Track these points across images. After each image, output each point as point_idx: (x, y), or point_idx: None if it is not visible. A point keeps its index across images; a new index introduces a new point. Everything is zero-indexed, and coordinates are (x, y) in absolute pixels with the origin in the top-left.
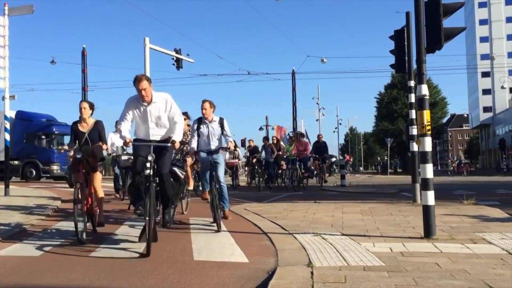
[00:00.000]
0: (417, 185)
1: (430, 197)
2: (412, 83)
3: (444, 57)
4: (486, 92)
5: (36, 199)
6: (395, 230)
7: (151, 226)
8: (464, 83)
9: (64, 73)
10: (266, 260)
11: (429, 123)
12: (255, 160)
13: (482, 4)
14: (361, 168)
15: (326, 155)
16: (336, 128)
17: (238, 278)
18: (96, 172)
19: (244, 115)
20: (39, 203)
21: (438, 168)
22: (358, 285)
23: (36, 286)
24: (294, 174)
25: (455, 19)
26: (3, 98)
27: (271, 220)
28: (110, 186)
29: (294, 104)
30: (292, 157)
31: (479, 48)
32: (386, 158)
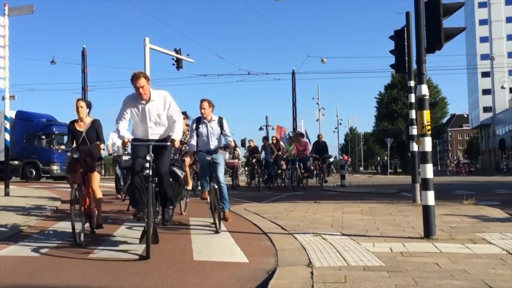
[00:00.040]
0: (417, 185)
1: (430, 197)
2: (412, 83)
3: (444, 57)
4: (486, 92)
5: (36, 199)
6: (395, 230)
7: (151, 228)
8: (464, 83)
9: (64, 73)
10: (266, 260)
11: (429, 123)
12: (255, 160)
13: (482, 4)
14: (361, 168)
15: (326, 155)
16: (336, 128)
17: (238, 278)
18: (93, 172)
19: (244, 115)
20: (39, 204)
21: (438, 168)
22: (358, 285)
23: (36, 286)
24: (294, 174)
25: (455, 19)
26: (3, 98)
27: (271, 220)
28: (111, 186)
29: (294, 104)
30: (292, 157)
31: (479, 48)
32: (386, 158)
